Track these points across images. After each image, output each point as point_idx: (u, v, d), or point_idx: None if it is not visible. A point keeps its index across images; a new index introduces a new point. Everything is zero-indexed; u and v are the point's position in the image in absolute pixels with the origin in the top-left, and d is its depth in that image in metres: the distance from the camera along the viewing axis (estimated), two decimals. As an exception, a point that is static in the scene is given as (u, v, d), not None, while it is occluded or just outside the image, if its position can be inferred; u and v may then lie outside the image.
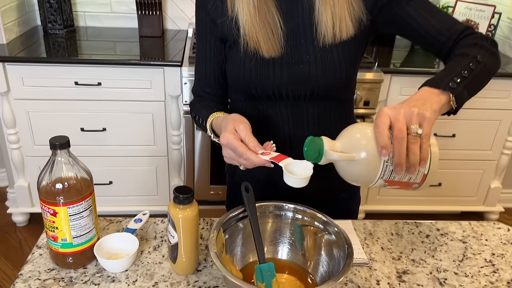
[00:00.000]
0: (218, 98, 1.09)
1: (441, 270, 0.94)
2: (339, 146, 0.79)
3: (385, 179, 0.77)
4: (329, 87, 0.99)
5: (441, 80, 0.82)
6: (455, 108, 0.82)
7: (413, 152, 0.73)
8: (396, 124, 0.73)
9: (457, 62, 0.87)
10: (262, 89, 0.99)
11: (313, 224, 0.89)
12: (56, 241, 0.85)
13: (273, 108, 1.02)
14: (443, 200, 2.57)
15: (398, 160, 0.73)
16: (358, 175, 0.79)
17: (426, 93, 0.81)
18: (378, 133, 0.73)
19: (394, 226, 1.08)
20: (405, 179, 0.78)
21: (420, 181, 0.79)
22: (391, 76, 2.18)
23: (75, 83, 2.06)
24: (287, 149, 1.00)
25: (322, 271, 0.87)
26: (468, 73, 0.84)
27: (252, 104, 1.04)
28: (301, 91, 0.99)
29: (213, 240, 0.79)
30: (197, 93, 1.11)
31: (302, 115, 1.02)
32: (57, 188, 0.81)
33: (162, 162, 2.31)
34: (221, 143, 0.86)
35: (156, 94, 2.12)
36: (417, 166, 0.74)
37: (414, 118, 0.73)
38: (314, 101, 1.01)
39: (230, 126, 0.87)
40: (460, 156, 2.42)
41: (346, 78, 1.00)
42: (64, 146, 0.80)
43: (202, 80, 1.08)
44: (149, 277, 0.87)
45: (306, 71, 0.97)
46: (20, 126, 2.15)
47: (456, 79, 0.82)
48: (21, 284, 0.84)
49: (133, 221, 0.99)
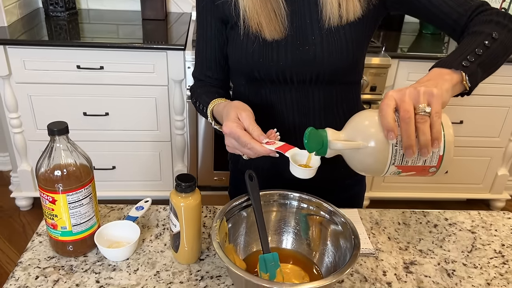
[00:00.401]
0: (219, 83, 1.06)
1: (449, 261, 0.92)
2: (344, 136, 0.76)
3: (397, 165, 0.73)
4: (336, 69, 0.95)
5: (453, 59, 0.78)
6: (469, 88, 0.78)
7: (422, 132, 0.68)
8: (402, 105, 0.69)
9: (470, 40, 0.82)
10: (265, 73, 0.96)
11: (319, 213, 0.87)
12: (56, 229, 0.83)
13: (277, 93, 0.99)
14: (449, 187, 2.54)
15: (408, 142, 0.69)
16: (367, 164, 0.75)
17: (436, 74, 0.77)
18: (382, 116, 0.70)
19: (401, 215, 1.05)
20: (420, 163, 0.73)
21: (436, 163, 0.74)
22: (399, 61, 2.14)
23: (77, 67, 2.03)
24: (291, 137, 0.98)
25: (328, 261, 0.85)
26: (483, 51, 0.79)
27: (255, 89, 1.01)
28: (306, 74, 0.95)
29: (216, 230, 0.77)
30: (197, 77, 1.08)
31: (307, 100, 0.99)
32: (55, 175, 0.78)
33: (165, 147, 2.29)
34: (223, 132, 0.83)
35: (159, 79, 2.09)
36: (429, 147, 0.69)
37: (421, 97, 0.69)
38: (320, 85, 0.97)
39: (233, 114, 0.83)
40: (467, 143, 2.38)
41: (353, 60, 0.96)
42: (63, 132, 0.78)
43: (202, 63, 1.05)
44: (150, 266, 0.86)
45: (312, 53, 0.93)
46: (22, 110, 2.13)
47: (469, 58, 0.78)
48: (21, 272, 0.83)
49: (134, 209, 0.97)
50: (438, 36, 2.49)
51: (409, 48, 2.32)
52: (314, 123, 1.00)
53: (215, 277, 0.84)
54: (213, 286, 0.82)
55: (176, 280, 0.83)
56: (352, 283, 0.84)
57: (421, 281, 0.86)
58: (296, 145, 0.79)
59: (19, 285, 0.80)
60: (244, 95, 1.03)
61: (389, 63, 2.09)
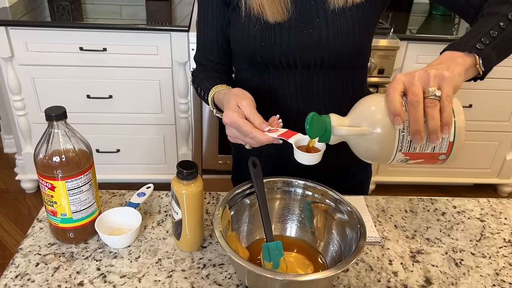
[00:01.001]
0: (222, 67, 1.03)
1: (457, 250, 0.90)
2: (349, 121, 0.73)
3: (404, 152, 0.70)
4: (342, 54, 0.91)
5: (466, 41, 0.74)
6: (483, 73, 0.75)
7: (431, 116, 0.65)
8: (410, 88, 0.66)
9: (485, 22, 0.78)
10: (268, 57, 0.92)
11: (324, 201, 0.85)
12: (56, 216, 0.82)
13: (280, 78, 0.95)
14: (456, 172, 2.51)
15: (415, 127, 0.65)
16: (373, 151, 0.72)
17: (448, 57, 0.73)
18: (389, 100, 0.67)
19: (408, 202, 1.03)
20: (428, 150, 0.70)
21: (446, 150, 0.70)
22: (407, 43, 2.09)
23: (80, 49, 2.00)
24: (295, 123, 0.95)
25: (333, 250, 0.83)
26: (498, 33, 0.75)
27: (258, 74, 0.97)
28: (311, 58, 0.92)
29: (218, 218, 0.75)
30: (199, 61, 1.04)
31: (311, 85, 0.95)
32: (54, 162, 0.77)
33: (170, 130, 2.27)
34: (224, 122, 0.81)
35: (163, 61, 2.06)
36: (438, 132, 0.66)
37: (431, 80, 0.66)
38: (325, 69, 0.94)
39: (233, 102, 0.80)
40: (476, 127, 2.34)
41: (360, 44, 0.93)
42: (61, 117, 0.76)
43: (204, 47, 1.02)
44: (152, 254, 0.84)
45: (316, 36, 0.89)
46: (26, 93, 2.11)
47: (484, 40, 0.74)
48: (21, 259, 0.82)
49: (136, 195, 0.95)
50: (448, 17, 2.43)
51: (418, 30, 2.27)
52: (319, 109, 0.97)
53: (217, 265, 0.83)
54: (215, 274, 0.81)
55: (178, 268, 0.82)
56: (357, 272, 0.83)
57: (428, 270, 0.84)
58: (300, 131, 0.77)
59: (19, 272, 0.79)
60: (247, 80, 1.00)
61: (398, 45, 2.04)
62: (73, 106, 2.14)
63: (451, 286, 0.81)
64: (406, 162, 0.73)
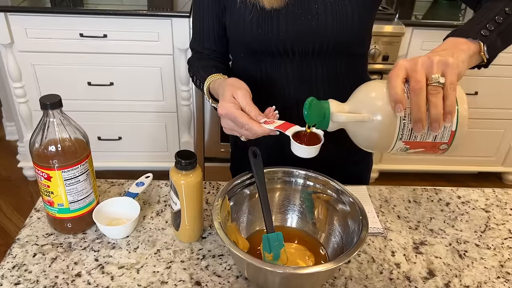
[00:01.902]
0: (218, 55, 1.00)
1: (461, 241, 0.88)
2: (349, 108, 0.70)
3: (405, 141, 0.68)
4: (341, 41, 0.89)
5: (471, 27, 0.72)
6: (487, 60, 0.73)
7: (434, 105, 0.63)
8: (413, 75, 0.63)
9: (490, 8, 0.76)
10: (265, 45, 0.90)
11: (326, 192, 0.83)
12: (53, 206, 0.80)
13: (278, 66, 0.93)
14: (460, 160, 2.49)
15: (417, 115, 0.63)
16: (372, 139, 0.70)
17: (451, 43, 0.71)
18: (390, 86, 0.64)
19: (411, 192, 1.01)
20: (429, 139, 0.68)
21: (448, 140, 0.68)
22: (413, 29, 2.05)
23: (80, 35, 1.98)
24: (293, 113, 0.93)
25: (334, 241, 0.82)
26: (503, 19, 0.73)
27: (255, 62, 0.95)
28: (309, 46, 0.89)
29: (217, 209, 0.74)
30: (195, 49, 1.01)
31: (310, 73, 0.93)
32: (50, 151, 0.75)
33: (171, 118, 2.25)
34: (219, 113, 0.78)
35: (164, 47, 2.03)
36: (440, 121, 0.63)
37: (434, 67, 0.64)
38: (323, 57, 0.91)
39: (228, 93, 0.78)
40: (481, 115, 2.31)
41: (360, 31, 0.90)
42: (56, 105, 0.74)
43: (200, 34, 0.99)
44: (151, 244, 0.83)
45: (314, 24, 0.87)
46: (26, 80, 2.09)
47: (488, 26, 0.72)
48: (18, 249, 0.81)
49: (134, 185, 0.94)
50: (455, 3, 2.38)
51: (423, 16, 2.22)
52: (318, 97, 0.94)
53: (217, 256, 0.82)
54: (215, 265, 0.79)
55: (177, 259, 0.80)
56: (359, 263, 0.81)
57: (431, 262, 0.82)
58: (298, 122, 0.75)
59: (16, 263, 0.78)
60: (244, 68, 0.98)
61: (403, 31, 2.00)
62: (74, 93, 2.12)
63: (454, 278, 0.79)
64: (406, 151, 0.71)
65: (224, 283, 0.76)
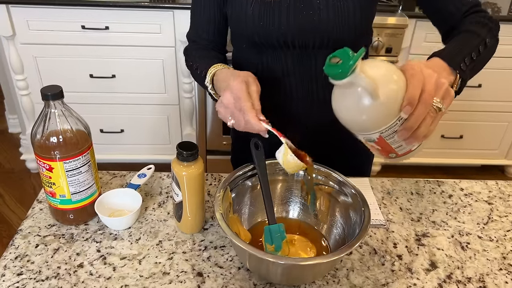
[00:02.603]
0: (216, 45, 0.99)
1: (464, 233, 0.88)
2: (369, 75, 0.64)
3: (380, 136, 0.68)
4: (342, 35, 0.88)
5: (452, 56, 0.78)
6: (455, 92, 0.77)
7: (426, 124, 0.65)
8: (428, 88, 0.64)
9: (468, 40, 0.83)
10: (266, 37, 0.89)
11: (328, 184, 0.83)
12: (55, 197, 0.80)
13: (278, 58, 0.92)
14: (463, 153, 2.48)
15: (412, 124, 0.65)
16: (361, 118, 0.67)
17: (440, 66, 0.75)
18: (412, 86, 0.64)
19: (414, 185, 1.01)
20: (394, 145, 0.70)
21: (401, 153, 0.72)
22: (416, 21, 2.04)
23: (82, 27, 1.97)
24: (292, 105, 0.93)
25: (336, 233, 0.82)
26: (476, 57, 0.80)
27: (256, 53, 0.94)
28: (309, 40, 0.89)
29: (219, 201, 0.74)
30: (193, 38, 1.00)
31: (310, 66, 0.92)
32: (51, 142, 0.75)
33: (173, 110, 2.25)
34: (230, 85, 0.76)
35: (166, 39, 2.03)
36: (420, 138, 0.67)
37: (441, 91, 0.66)
38: (324, 50, 0.90)
39: (244, 76, 0.77)
40: (485, 108, 2.30)
41: (361, 25, 0.89)
42: (58, 96, 0.74)
43: (199, 24, 0.98)
44: (153, 235, 0.83)
45: (316, 19, 0.86)
46: (28, 72, 2.09)
47: (466, 61, 0.78)
48: (20, 240, 0.81)
49: (136, 176, 0.94)
50: (459, -6, 2.35)
51: (427, 7, 2.20)
52: (318, 90, 0.94)
53: (219, 247, 0.82)
54: (217, 256, 0.80)
55: (179, 250, 0.81)
56: (361, 255, 0.81)
57: (434, 254, 0.82)
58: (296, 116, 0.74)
59: (18, 253, 0.78)
60: (245, 59, 0.97)
61: (406, 23, 1.98)
62: (76, 85, 2.12)
63: (456, 270, 0.79)
64: (365, 143, 0.72)
65: (226, 274, 0.76)
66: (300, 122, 0.98)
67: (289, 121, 0.96)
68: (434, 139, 2.39)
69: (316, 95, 0.94)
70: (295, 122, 0.97)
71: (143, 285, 0.73)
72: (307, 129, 0.98)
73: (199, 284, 0.74)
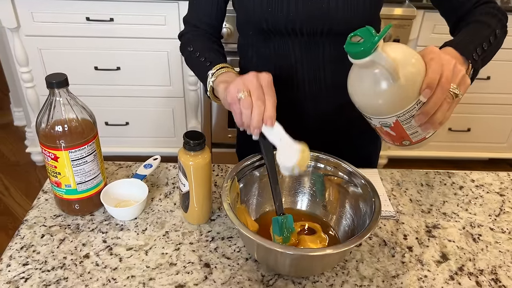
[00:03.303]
0: (214, 32, 0.97)
1: (475, 225, 0.86)
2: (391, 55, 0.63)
3: (397, 120, 0.67)
4: (350, 23, 0.86)
5: (465, 45, 0.77)
6: None
7: (443, 110, 0.66)
8: (447, 74, 0.65)
9: (479, 30, 0.82)
10: (273, 24, 0.87)
11: (337, 174, 0.81)
12: (60, 187, 0.80)
13: (286, 45, 0.90)
14: (471, 146, 2.46)
15: (430, 109, 0.65)
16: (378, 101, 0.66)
17: (454, 56, 0.74)
18: (432, 70, 0.64)
19: (424, 176, 0.99)
20: (409, 131, 0.70)
21: (416, 141, 0.71)
22: (424, 12, 2.01)
23: (86, 19, 1.96)
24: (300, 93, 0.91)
25: (345, 224, 0.80)
26: (487, 47, 0.79)
27: (263, 40, 0.92)
28: (318, 28, 0.87)
29: (227, 191, 0.72)
30: (191, 22, 0.98)
31: (318, 53, 0.91)
32: (56, 131, 0.74)
33: (178, 103, 2.24)
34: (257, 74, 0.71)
35: (171, 31, 2.01)
36: (436, 125, 0.67)
37: (459, 78, 0.67)
38: (332, 37, 0.89)
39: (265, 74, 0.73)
40: (493, 100, 2.27)
41: (370, 12, 0.88)
42: (62, 84, 0.72)
43: (200, 7, 0.95)
44: (159, 226, 0.82)
45: (325, 7, 0.84)
46: (33, 64, 2.08)
47: (478, 51, 0.77)
48: (26, 230, 0.80)
49: (142, 167, 0.92)
50: (468, -15, 2.32)
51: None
52: (326, 78, 0.92)
53: (226, 238, 0.80)
54: (224, 247, 0.78)
55: (186, 241, 0.79)
56: (371, 246, 0.80)
57: (445, 245, 0.81)
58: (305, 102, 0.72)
59: (24, 244, 0.77)
60: (252, 46, 0.95)
61: (414, 14, 1.96)
62: (81, 78, 2.10)
63: (468, 262, 0.78)
64: (381, 126, 0.71)
65: (234, 265, 0.75)
66: (308, 110, 0.96)
67: (297, 109, 0.95)
68: (441, 132, 2.37)
69: (324, 83, 0.92)
70: (302, 110, 0.96)
71: (150, 276, 0.72)
72: (315, 117, 0.97)
73: (206, 275, 0.73)
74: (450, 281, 0.74)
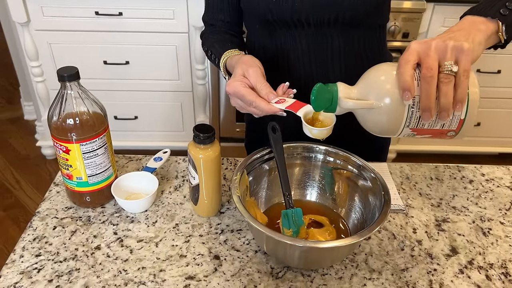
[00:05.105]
0: (232, 27, 0.98)
1: (485, 219, 0.86)
2: (357, 92, 0.68)
3: (412, 128, 0.66)
4: (357, 11, 0.85)
5: (489, 6, 0.69)
6: (505, 41, 0.69)
7: (444, 93, 0.60)
8: (425, 60, 0.61)
9: None
10: (279, 15, 0.87)
11: (346, 168, 0.82)
12: (72, 180, 0.80)
13: (293, 38, 0.90)
14: (480, 141, 2.44)
15: (426, 104, 0.61)
16: (379, 125, 0.68)
17: (469, 23, 0.68)
18: (399, 73, 0.62)
19: (434, 170, 0.99)
20: (437, 126, 0.66)
21: (456, 127, 0.67)
22: (434, 5, 1.99)
23: (95, 13, 1.97)
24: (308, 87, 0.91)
25: (354, 217, 0.80)
26: None
27: (269, 33, 0.92)
28: (324, 17, 0.86)
29: (236, 183, 0.73)
30: (208, 21, 0.99)
31: (325, 45, 0.90)
32: (68, 124, 0.75)
33: (187, 97, 2.24)
34: (227, 91, 0.77)
35: (179, 25, 2.01)
36: (450, 110, 0.62)
37: (448, 53, 0.61)
38: (339, 28, 0.88)
39: (239, 71, 0.77)
40: (504, 94, 2.25)
41: (378, 2, 0.87)
42: (74, 77, 0.73)
43: (213, 5, 0.96)
44: (169, 218, 0.83)
45: None
46: (43, 59, 2.10)
47: (508, 5, 0.69)
48: (38, 222, 0.81)
49: (152, 160, 0.93)
50: (479, -22, 2.29)
51: (446, -9, 2.15)
52: (334, 72, 0.92)
53: (235, 230, 0.81)
54: (233, 240, 0.79)
55: (196, 233, 0.80)
56: (380, 240, 0.80)
57: (454, 239, 0.81)
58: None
59: (36, 235, 0.78)
60: (258, 40, 0.95)
61: (424, 7, 1.94)
62: (90, 72, 2.12)
63: (478, 255, 0.77)
64: (413, 137, 0.70)
65: (243, 257, 0.75)
66: None
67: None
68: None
69: (333, 75, 0.92)
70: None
71: (160, 267, 0.73)
72: None
73: (216, 266, 0.74)
74: (460, 275, 0.74)
